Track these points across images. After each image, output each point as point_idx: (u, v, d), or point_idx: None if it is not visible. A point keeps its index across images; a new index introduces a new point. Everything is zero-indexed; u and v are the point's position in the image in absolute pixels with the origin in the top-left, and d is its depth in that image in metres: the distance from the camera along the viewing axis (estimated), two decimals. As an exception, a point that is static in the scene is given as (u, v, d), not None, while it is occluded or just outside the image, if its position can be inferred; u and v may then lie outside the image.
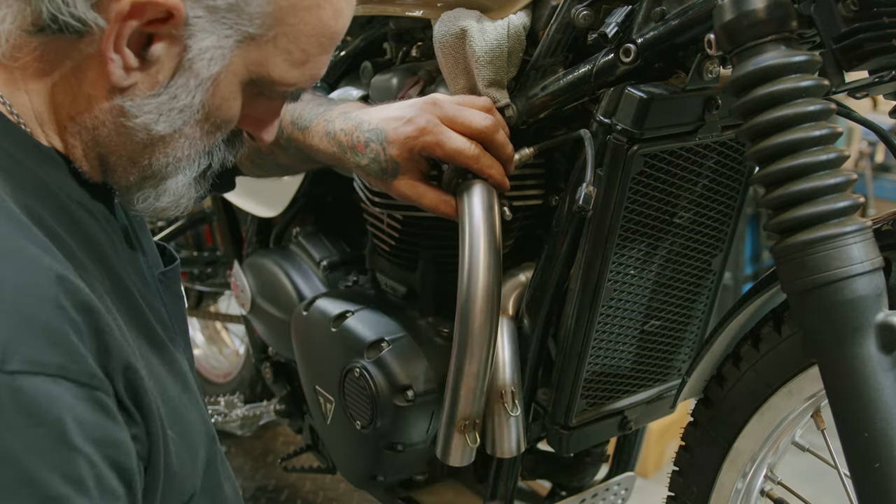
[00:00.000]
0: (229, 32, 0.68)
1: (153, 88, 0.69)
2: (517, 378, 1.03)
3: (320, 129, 1.04)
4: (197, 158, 0.76)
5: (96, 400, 0.60)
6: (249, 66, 0.72)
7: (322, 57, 0.76)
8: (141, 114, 0.69)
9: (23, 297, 0.57)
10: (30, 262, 0.60)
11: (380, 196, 1.12)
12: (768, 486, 1.02)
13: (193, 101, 0.70)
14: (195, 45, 0.67)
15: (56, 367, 0.56)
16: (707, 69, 0.89)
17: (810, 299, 0.72)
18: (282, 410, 1.62)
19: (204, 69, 0.69)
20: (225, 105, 0.73)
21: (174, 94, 0.69)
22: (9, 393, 0.53)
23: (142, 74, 0.68)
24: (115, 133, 0.71)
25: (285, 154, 1.12)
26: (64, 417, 0.56)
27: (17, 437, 0.53)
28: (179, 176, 0.76)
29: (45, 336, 0.57)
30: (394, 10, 1.13)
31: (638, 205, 0.96)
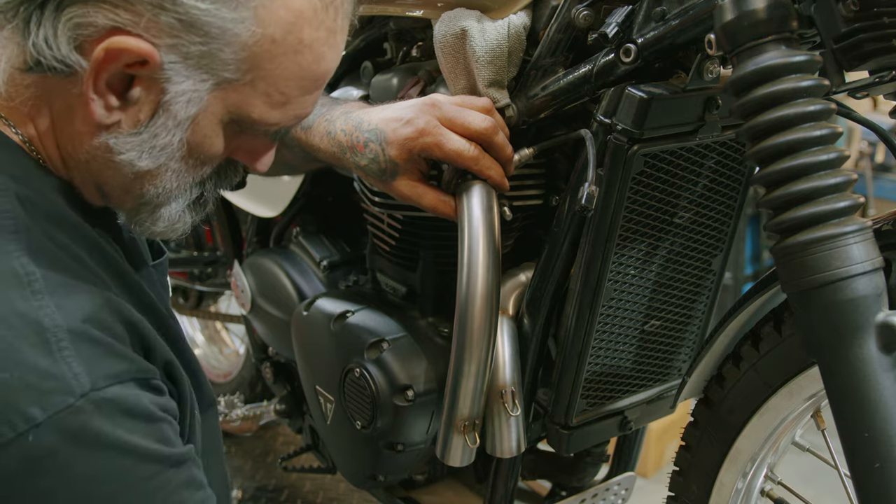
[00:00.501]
0: (205, 77, 0.71)
1: (135, 127, 0.72)
2: (517, 378, 1.03)
3: (321, 129, 1.04)
4: (187, 189, 0.80)
5: (154, 386, 0.73)
6: (229, 107, 0.74)
7: (305, 98, 0.78)
8: (125, 150, 0.73)
9: (77, 324, 0.68)
10: (68, 295, 0.69)
11: (380, 196, 1.12)
12: (768, 486, 1.02)
13: (173, 139, 0.74)
14: (172, 89, 0.70)
15: (125, 374, 0.70)
16: (707, 69, 0.89)
17: (810, 299, 0.72)
18: (282, 410, 1.62)
19: (181, 111, 0.72)
20: (206, 142, 0.76)
21: (155, 133, 0.73)
22: (107, 403, 0.67)
23: (123, 114, 0.72)
24: (105, 167, 0.75)
25: (290, 152, 1.13)
26: (146, 404, 0.70)
27: (126, 430, 0.68)
28: (173, 204, 0.81)
29: (107, 352, 0.69)
30: (394, 10, 1.13)
31: (638, 205, 0.96)
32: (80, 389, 0.65)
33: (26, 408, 0.63)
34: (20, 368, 0.64)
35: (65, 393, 0.65)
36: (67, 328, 0.67)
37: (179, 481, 0.72)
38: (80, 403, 0.65)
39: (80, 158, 0.76)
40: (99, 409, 0.66)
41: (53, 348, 0.66)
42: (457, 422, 0.98)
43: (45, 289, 0.68)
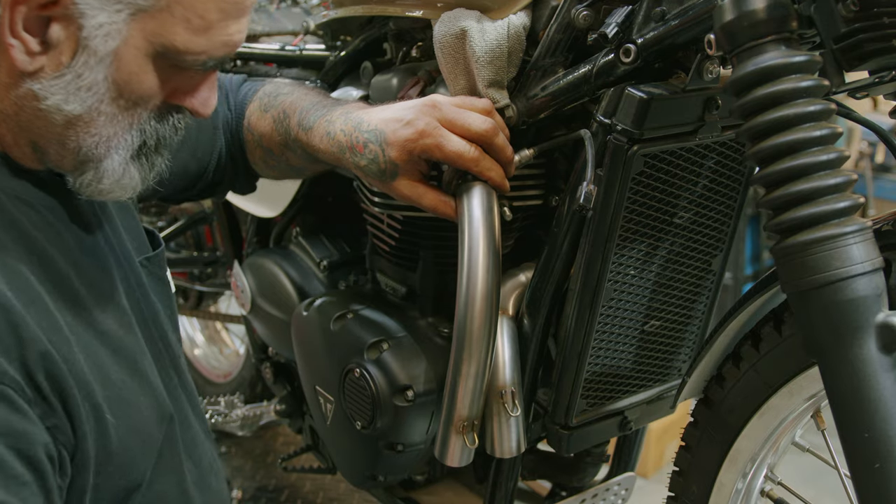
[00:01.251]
0: (119, 7, 0.70)
1: (58, 70, 0.71)
2: (517, 378, 1.03)
3: (321, 129, 1.04)
4: (125, 136, 0.78)
5: (1, 394, 0.66)
6: (150, 37, 0.73)
7: (228, 23, 0.76)
8: (50, 95, 0.72)
9: None
10: None
11: (380, 196, 1.12)
12: (768, 486, 1.02)
13: (97, 77, 0.72)
14: (88, 23, 0.69)
15: None
16: (707, 69, 0.89)
17: (810, 299, 0.72)
18: (282, 410, 1.63)
19: (101, 45, 0.71)
20: (135, 79, 0.74)
21: (78, 73, 0.72)
22: None
23: (45, 58, 0.71)
24: (35, 117, 0.74)
25: (294, 155, 1.13)
26: None
27: None
28: (114, 155, 0.78)
29: None
30: (394, 10, 1.13)
31: (638, 205, 0.96)
32: None
33: None
34: None
35: None
36: None
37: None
38: None
39: (8, 112, 0.74)
40: None
41: None
42: (456, 422, 0.98)
43: None
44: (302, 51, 1.49)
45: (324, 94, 1.14)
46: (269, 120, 1.13)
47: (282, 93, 1.14)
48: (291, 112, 1.09)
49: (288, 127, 1.09)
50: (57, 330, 0.75)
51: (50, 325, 0.74)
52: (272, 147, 1.14)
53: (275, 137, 1.12)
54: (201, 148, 1.15)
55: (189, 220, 2.06)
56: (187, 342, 2.48)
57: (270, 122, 1.12)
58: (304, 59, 1.49)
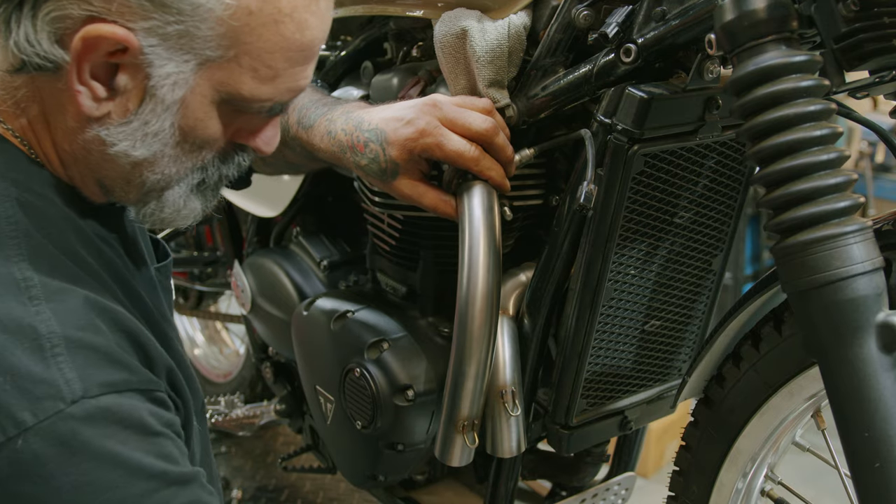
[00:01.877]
0: (187, 57, 0.70)
1: (124, 116, 0.72)
2: (517, 378, 1.03)
3: (322, 128, 1.04)
4: (187, 174, 0.79)
5: (157, 399, 0.73)
6: (216, 86, 0.73)
7: (295, 70, 0.76)
8: (118, 141, 0.73)
9: (74, 331, 0.67)
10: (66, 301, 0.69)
11: (380, 196, 1.12)
12: (769, 486, 1.02)
13: (164, 124, 0.73)
14: (156, 73, 0.70)
15: (123, 383, 0.69)
16: (707, 69, 0.89)
17: (810, 299, 0.72)
18: (282, 410, 1.62)
19: (168, 94, 0.72)
20: (200, 125, 0.75)
21: (145, 120, 0.72)
22: (99, 412, 0.66)
23: (112, 104, 0.72)
24: (103, 160, 0.75)
25: (292, 152, 1.13)
26: (143, 416, 0.69)
27: (118, 442, 0.67)
28: (175, 188, 0.80)
29: (104, 360, 0.68)
30: (394, 10, 1.13)
31: (638, 205, 0.96)
32: (70, 396, 0.65)
33: (17, 412, 0.64)
34: (13, 373, 0.64)
35: (55, 398, 0.64)
36: (63, 335, 0.67)
37: (181, 502, 0.70)
38: (70, 410, 0.65)
39: (77, 155, 0.76)
40: (90, 417, 0.65)
41: (47, 354, 0.66)
42: (456, 422, 0.98)
43: (42, 295, 0.68)
44: (302, 51, 1.49)
45: (322, 93, 1.14)
46: None
47: None
48: (291, 109, 1.09)
49: (287, 124, 1.09)
50: (164, 350, 0.79)
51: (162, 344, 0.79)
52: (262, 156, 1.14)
53: None
54: None
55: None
56: (187, 342, 2.48)
57: None
58: (305, 59, 1.49)
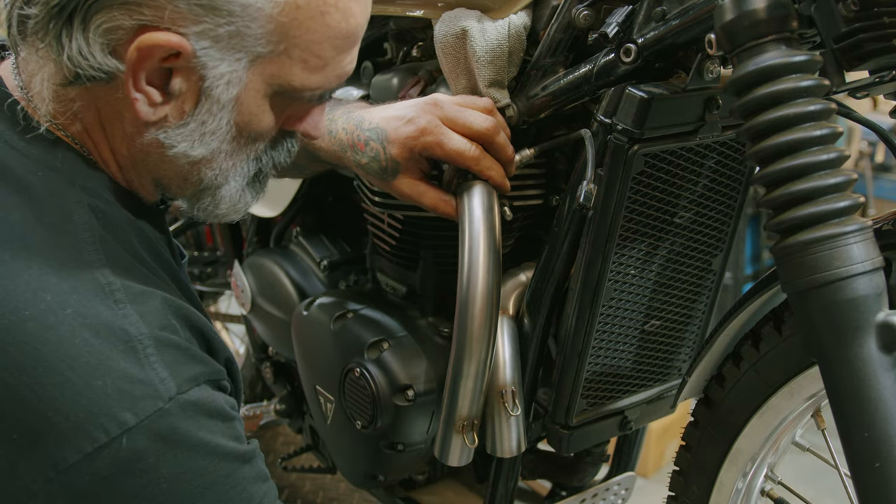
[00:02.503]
0: (240, 56, 0.72)
1: (182, 118, 0.74)
2: (517, 378, 1.03)
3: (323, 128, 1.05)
4: (243, 167, 0.81)
5: (223, 386, 0.77)
6: (269, 80, 0.75)
7: (342, 56, 0.78)
8: (177, 143, 0.75)
9: (158, 331, 0.71)
10: (146, 302, 0.72)
11: (380, 196, 1.12)
12: (769, 486, 1.02)
13: (221, 122, 0.75)
14: (210, 74, 0.72)
15: (202, 376, 0.73)
16: (707, 69, 0.89)
17: (810, 299, 0.72)
18: (282, 410, 1.62)
19: (223, 93, 0.73)
20: (254, 120, 0.77)
21: (202, 121, 0.74)
22: (191, 406, 0.70)
23: (168, 107, 0.73)
24: (161, 162, 0.77)
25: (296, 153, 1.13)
26: (222, 404, 0.74)
27: (208, 431, 0.71)
28: (232, 183, 0.82)
29: (186, 356, 0.72)
30: (394, 10, 1.13)
31: (638, 205, 0.96)
32: (167, 393, 0.69)
33: (119, 413, 0.66)
34: (112, 375, 0.67)
35: (154, 398, 0.68)
36: (151, 335, 0.70)
37: (251, 476, 0.76)
38: (168, 407, 0.68)
39: (136, 158, 0.77)
40: (184, 411, 0.69)
41: (141, 355, 0.69)
42: (456, 421, 0.98)
43: (126, 298, 0.71)
44: (302, 51, 1.49)
45: None
46: None
47: None
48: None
49: None
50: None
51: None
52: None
53: None
54: None
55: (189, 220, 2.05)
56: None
57: None
58: (305, 59, 1.49)
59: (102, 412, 0.66)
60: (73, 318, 0.67)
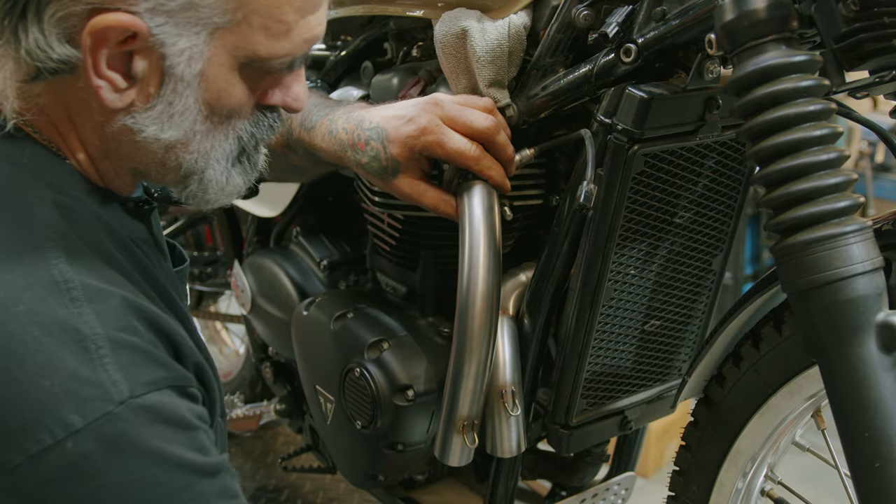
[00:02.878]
0: (197, 29, 0.70)
1: (148, 101, 0.72)
2: (517, 378, 1.03)
3: (323, 128, 1.05)
4: (223, 146, 0.79)
5: (190, 394, 0.74)
6: (232, 52, 0.73)
7: (307, 19, 0.75)
8: (145, 127, 0.73)
9: (115, 332, 0.68)
10: (105, 302, 0.70)
11: (380, 196, 1.12)
12: (769, 486, 1.02)
13: (188, 101, 0.73)
14: (169, 51, 0.70)
15: (163, 381, 0.70)
16: (707, 69, 0.89)
17: (810, 299, 0.72)
18: (282, 410, 1.62)
19: (186, 70, 0.71)
20: (224, 95, 0.75)
21: (169, 101, 0.72)
22: (145, 411, 0.67)
23: (134, 92, 0.72)
24: (134, 149, 0.76)
25: (296, 155, 1.13)
26: (182, 412, 0.71)
27: (163, 439, 0.68)
28: (215, 165, 0.79)
29: (145, 359, 0.70)
30: (394, 10, 1.13)
31: (638, 205, 0.96)
32: (118, 396, 0.66)
33: (66, 415, 0.64)
34: (61, 376, 0.65)
35: (104, 400, 0.65)
36: (106, 336, 0.68)
37: (213, 492, 0.72)
38: (118, 410, 0.65)
39: (108, 148, 0.76)
40: (137, 416, 0.66)
41: (93, 356, 0.66)
42: (456, 422, 0.98)
43: (83, 296, 0.69)
44: (302, 51, 1.49)
45: (324, 95, 1.14)
46: None
47: None
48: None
49: (290, 127, 1.09)
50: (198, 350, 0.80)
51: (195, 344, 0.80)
52: (274, 148, 1.14)
53: (277, 138, 1.12)
54: None
55: (189, 220, 2.06)
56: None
57: None
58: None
59: (49, 413, 0.64)
60: (25, 316, 0.65)
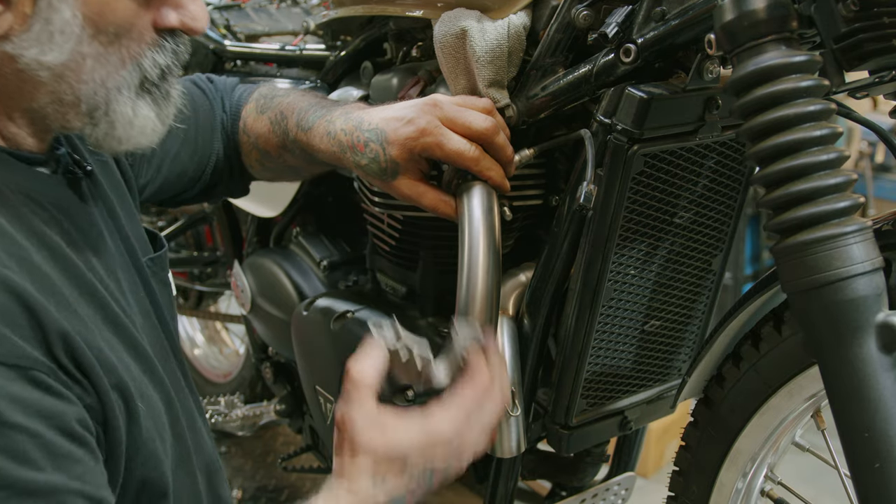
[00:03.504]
0: None
1: (25, 23, 0.68)
2: (517, 378, 1.03)
3: (321, 129, 1.04)
4: (120, 73, 0.74)
5: (30, 378, 0.62)
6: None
7: None
8: (25, 51, 0.68)
9: None
10: None
11: (380, 196, 1.12)
12: (768, 486, 1.02)
13: (65, 16, 0.68)
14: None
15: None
16: (707, 69, 0.89)
17: (810, 299, 0.72)
18: (282, 410, 1.63)
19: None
20: (107, 10, 0.70)
21: (46, 18, 0.68)
22: None
23: (10, 15, 0.67)
24: (20, 81, 0.71)
25: (292, 156, 1.12)
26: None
27: None
28: (117, 97, 0.74)
29: None
30: (394, 10, 1.13)
31: (638, 205, 0.96)
32: None
33: None
34: None
35: None
36: None
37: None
38: None
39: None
40: None
41: None
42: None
43: None
44: (302, 51, 1.49)
45: (320, 96, 1.14)
46: (266, 121, 1.13)
47: (278, 94, 1.14)
48: (289, 113, 1.09)
49: (286, 128, 1.09)
50: (79, 319, 0.71)
51: (71, 314, 0.70)
52: (269, 148, 1.14)
53: (272, 139, 1.12)
54: (200, 150, 1.15)
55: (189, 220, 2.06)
56: (187, 342, 2.48)
57: (267, 123, 1.12)
58: (305, 59, 1.49)
59: None
60: None
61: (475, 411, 0.83)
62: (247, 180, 1.24)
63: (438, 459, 0.82)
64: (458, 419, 0.82)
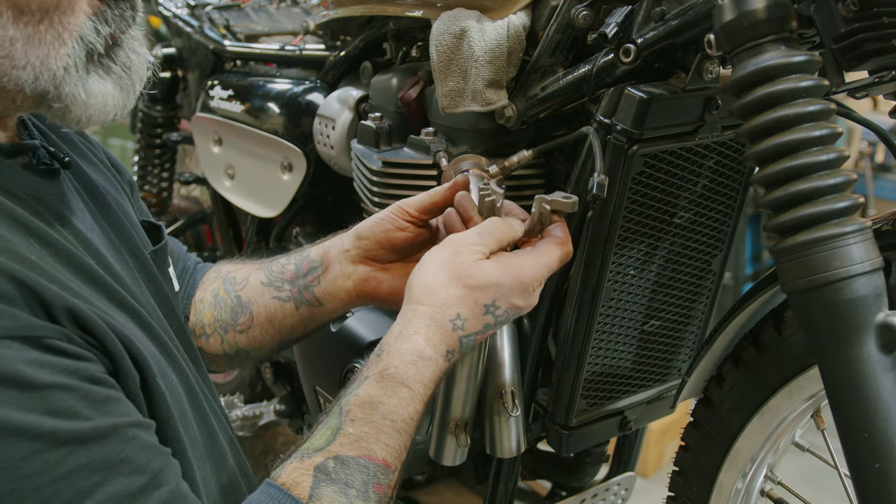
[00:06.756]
0: None
1: None
2: (517, 378, 1.02)
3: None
4: (60, 51, 0.68)
5: (46, 346, 0.61)
6: None
7: None
8: None
9: None
10: None
11: (380, 196, 1.12)
12: (768, 486, 1.02)
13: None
14: None
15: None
16: (707, 69, 0.89)
17: (810, 299, 0.72)
18: (282, 410, 1.62)
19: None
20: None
21: None
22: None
23: None
24: None
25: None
26: (17, 367, 0.58)
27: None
28: (65, 77, 0.69)
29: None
30: (394, 10, 1.13)
31: (638, 205, 0.96)
32: None
33: None
34: None
35: None
36: None
37: (80, 464, 0.59)
38: None
39: None
40: None
41: None
42: (448, 423, 0.98)
43: None
44: (302, 51, 1.49)
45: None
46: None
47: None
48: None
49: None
50: (83, 299, 0.68)
51: (72, 293, 0.67)
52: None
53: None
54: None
55: (189, 220, 2.06)
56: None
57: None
58: (304, 59, 1.49)
59: None
60: None
61: (552, 263, 0.86)
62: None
63: (519, 298, 0.85)
64: (539, 266, 0.85)
